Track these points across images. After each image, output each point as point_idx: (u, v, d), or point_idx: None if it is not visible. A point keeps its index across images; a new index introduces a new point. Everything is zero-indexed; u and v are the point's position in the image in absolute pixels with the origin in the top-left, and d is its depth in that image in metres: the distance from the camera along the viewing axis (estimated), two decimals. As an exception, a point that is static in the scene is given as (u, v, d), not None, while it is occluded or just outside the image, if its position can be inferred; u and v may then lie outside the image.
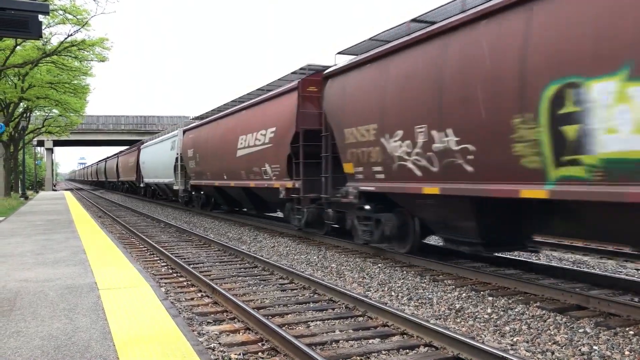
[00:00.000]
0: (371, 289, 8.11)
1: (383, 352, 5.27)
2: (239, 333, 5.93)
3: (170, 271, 9.74)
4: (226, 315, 6.67)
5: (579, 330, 5.90)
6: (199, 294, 7.84)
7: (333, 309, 6.89)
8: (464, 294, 7.54)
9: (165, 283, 8.63)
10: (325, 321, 6.35)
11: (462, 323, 6.29)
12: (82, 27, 22.09)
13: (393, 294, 7.75)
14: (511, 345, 5.50)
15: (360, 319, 6.46)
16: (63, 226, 14.81)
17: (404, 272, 9.15)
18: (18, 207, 25.32)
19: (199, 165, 21.30)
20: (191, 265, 9.90)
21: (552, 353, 5.23)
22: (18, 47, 23.06)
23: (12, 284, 7.03)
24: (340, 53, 11.30)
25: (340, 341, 5.60)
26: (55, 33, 26.06)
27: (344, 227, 11.72)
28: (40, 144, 62.84)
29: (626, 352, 5.21)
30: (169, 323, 5.19)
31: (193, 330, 5.82)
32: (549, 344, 5.50)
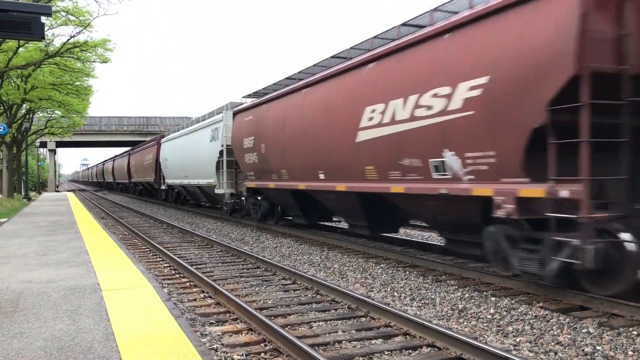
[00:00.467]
0: (374, 289, 8.11)
1: (386, 353, 5.27)
2: (241, 334, 5.94)
3: (173, 272, 9.75)
4: (229, 316, 6.67)
5: (582, 330, 5.89)
6: (202, 295, 7.85)
7: (336, 310, 6.89)
8: (466, 294, 7.53)
9: (168, 284, 8.64)
10: (328, 322, 6.36)
11: (465, 323, 6.29)
12: (85, 29, 22.15)
13: (396, 294, 7.75)
14: (514, 345, 5.49)
15: (363, 319, 6.45)
16: (66, 227, 14.84)
17: (407, 273, 9.15)
18: (21, 208, 25.37)
19: (264, 160, 15.18)
20: (194, 266, 9.91)
21: (555, 353, 5.22)
22: (21, 49, 23.13)
23: (15, 285, 7.04)
24: None
25: (343, 342, 5.60)
26: (57, 34, 26.16)
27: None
28: (43, 145, 63.02)
29: (629, 353, 5.20)
30: (172, 324, 5.19)
31: (196, 331, 5.83)
32: (552, 344, 5.50)
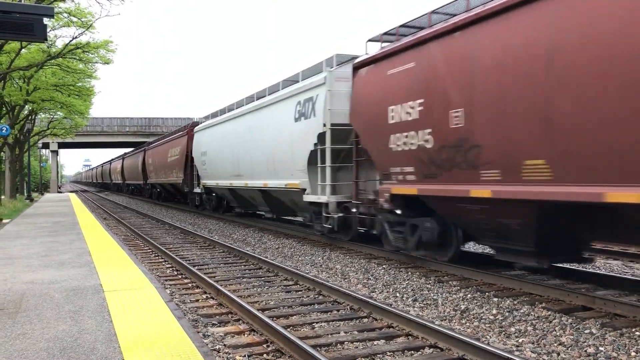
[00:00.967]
0: (376, 290, 8.11)
1: (388, 354, 5.27)
2: (244, 334, 5.94)
3: (175, 273, 9.76)
4: (231, 316, 6.67)
5: (585, 331, 5.88)
6: (204, 296, 7.85)
7: (338, 311, 6.88)
8: (469, 295, 7.52)
9: (170, 285, 8.64)
10: (330, 322, 6.35)
11: (468, 324, 6.28)
12: (87, 30, 22.17)
13: (398, 295, 7.74)
14: (517, 346, 5.48)
15: (365, 320, 6.45)
16: (68, 228, 14.86)
17: (409, 274, 9.14)
18: (23, 209, 25.42)
19: (466, 141, 7.93)
20: (196, 267, 9.92)
21: (558, 354, 5.21)
22: (23, 50, 23.15)
23: (18, 286, 7.05)
24: None
25: (345, 342, 5.60)
26: (60, 36, 26.25)
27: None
28: (46, 146, 63.11)
29: (632, 353, 5.19)
30: (174, 325, 5.19)
31: (198, 332, 5.83)
32: (555, 345, 5.49)
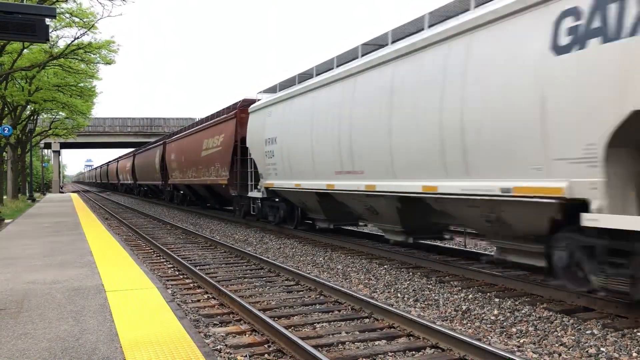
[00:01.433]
0: (377, 290, 8.11)
1: (389, 354, 5.27)
2: (245, 335, 5.94)
3: (177, 273, 9.77)
4: (232, 317, 6.68)
5: (586, 332, 5.87)
6: (206, 296, 7.86)
7: (339, 311, 6.89)
8: (470, 296, 7.52)
9: (171, 285, 8.65)
10: (332, 323, 6.36)
11: (469, 325, 6.28)
12: (89, 30, 22.20)
13: (399, 295, 7.74)
14: (518, 346, 5.48)
15: (366, 320, 6.45)
16: (70, 228, 14.88)
17: (410, 274, 9.14)
18: (25, 210, 25.46)
19: None
20: (197, 267, 9.93)
21: (559, 355, 5.21)
22: (25, 51, 23.20)
23: (20, 285, 7.07)
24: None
25: (346, 343, 5.60)
26: (62, 36, 26.17)
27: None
28: (47, 146, 63.17)
29: (634, 354, 5.19)
30: (176, 325, 5.20)
31: (200, 332, 5.84)
32: (556, 345, 5.48)
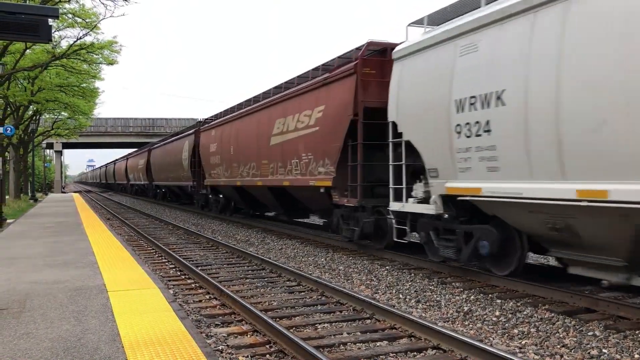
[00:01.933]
0: (379, 291, 8.11)
1: (391, 355, 5.27)
2: (247, 335, 5.95)
3: (179, 273, 9.77)
4: (234, 317, 6.68)
5: (588, 333, 5.86)
6: (207, 296, 7.86)
7: (341, 312, 6.89)
8: (472, 297, 7.52)
9: (173, 285, 8.66)
10: (333, 323, 6.36)
11: (470, 326, 6.27)
12: (91, 31, 22.24)
13: (401, 296, 7.74)
14: (519, 348, 5.47)
15: (368, 321, 6.45)
16: (72, 228, 14.90)
17: (412, 275, 9.13)
18: (27, 209, 25.51)
19: None
20: (199, 267, 9.93)
21: (561, 356, 5.20)
22: (28, 51, 23.25)
23: (22, 285, 7.08)
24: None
25: (348, 343, 5.60)
26: (64, 36, 26.15)
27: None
28: (50, 146, 63.30)
29: (636, 356, 5.18)
30: (178, 325, 5.21)
31: (201, 332, 5.84)
32: (558, 347, 5.48)
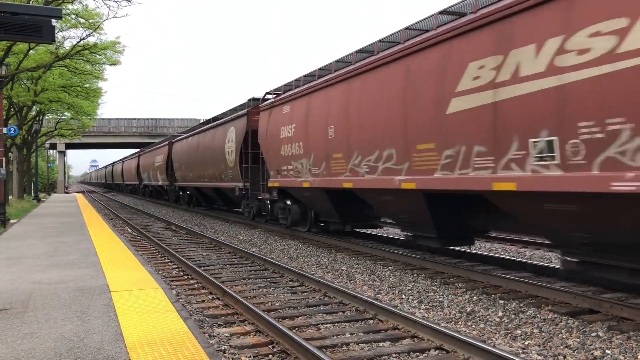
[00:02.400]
0: (382, 291, 8.10)
1: (394, 355, 5.26)
2: (249, 335, 5.95)
3: (182, 273, 9.78)
4: (237, 317, 6.68)
5: (592, 334, 5.85)
6: (210, 296, 7.87)
7: (343, 312, 6.88)
8: (475, 297, 7.51)
9: (176, 285, 8.67)
10: (336, 324, 6.35)
11: (473, 326, 6.27)
12: (95, 31, 22.30)
13: (404, 297, 7.73)
14: (522, 348, 5.46)
15: (370, 321, 6.45)
16: (75, 228, 14.93)
17: (415, 275, 9.13)
18: (31, 210, 25.56)
19: None
20: (202, 268, 9.94)
21: (564, 357, 5.19)
22: (31, 51, 23.31)
23: (25, 285, 7.10)
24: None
25: (350, 344, 5.60)
26: (67, 37, 26.25)
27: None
28: (53, 146, 63.50)
29: (639, 357, 5.17)
30: (180, 325, 5.21)
31: (204, 333, 5.85)
32: (561, 347, 5.47)
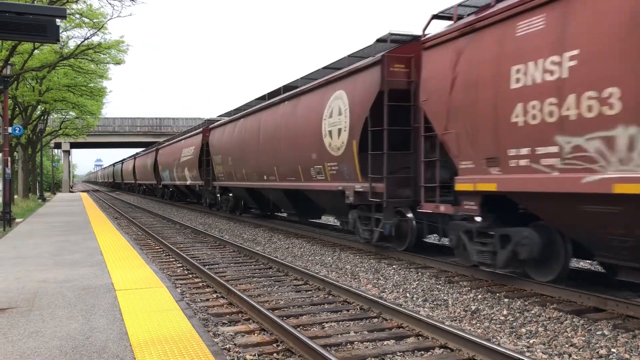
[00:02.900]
0: (386, 290, 8.10)
1: (398, 354, 5.26)
2: (254, 334, 5.95)
3: (186, 272, 9.80)
4: (241, 316, 6.69)
5: (597, 332, 5.83)
6: (215, 295, 7.88)
7: (348, 310, 6.88)
8: (479, 296, 7.49)
9: (181, 284, 8.68)
10: (340, 322, 6.35)
11: (478, 325, 6.25)
12: (99, 31, 22.34)
13: (408, 295, 7.72)
14: (527, 347, 5.45)
15: (375, 320, 6.44)
16: (80, 227, 14.98)
17: (419, 274, 9.11)
18: (36, 209, 25.65)
19: None
20: (206, 266, 9.96)
21: (569, 355, 5.17)
22: (36, 51, 23.38)
23: (31, 284, 7.12)
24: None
25: (355, 342, 5.59)
26: (72, 37, 26.30)
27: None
28: (58, 146, 63.64)
29: (645, 355, 5.15)
30: (185, 324, 5.23)
31: (209, 331, 5.85)
32: (566, 346, 5.45)
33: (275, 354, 5.30)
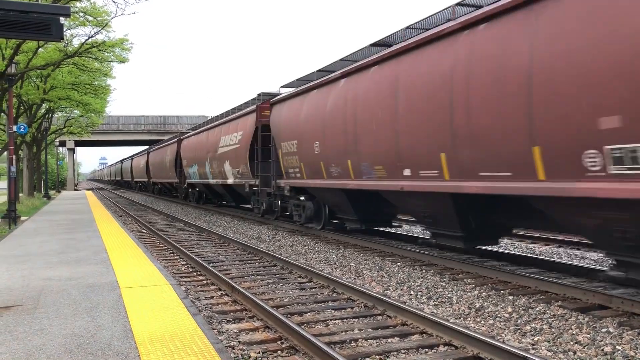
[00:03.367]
0: (390, 287, 8.09)
1: (402, 351, 5.26)
2: (258, 331, 5.96)
3: (190, 270, 9.82)
4: (245, 313, 6.70)
5: (602, 330, 5.82)
6: (219, 293, 7.89)
7: (352, 308, 6.88)
8: (484, 293, 7.48)
9: (185, 282, 8.70)
10: (344, 320, 6.36)
11: (482, 322, 6.24)
12: (103, 29, 22.37)
13: (412, 292, 7.72)
14: (532, 344, 5.44)
15: (379, 317, 6.44)
16: (85, 225, 15.02)
17: (423, 271, 9.11)
18: (41, 207, 25.74)
19: None
20: (211, 264, 9.97)
21: (574, 353, 5.16)
22: (40, 50, 23.43)
23: (36, 282, 7.15)
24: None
25: (359, 340, 5.59)
26: (76, 35, 26.39)
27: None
28: (62, 144, 63.88)
29: (650, 353, 5.13)
30: (189, 321, 5.24)
31: (213, 329, 5.87)
32: (571, 343, 5.44)
33: (279, 352, 5.31)
